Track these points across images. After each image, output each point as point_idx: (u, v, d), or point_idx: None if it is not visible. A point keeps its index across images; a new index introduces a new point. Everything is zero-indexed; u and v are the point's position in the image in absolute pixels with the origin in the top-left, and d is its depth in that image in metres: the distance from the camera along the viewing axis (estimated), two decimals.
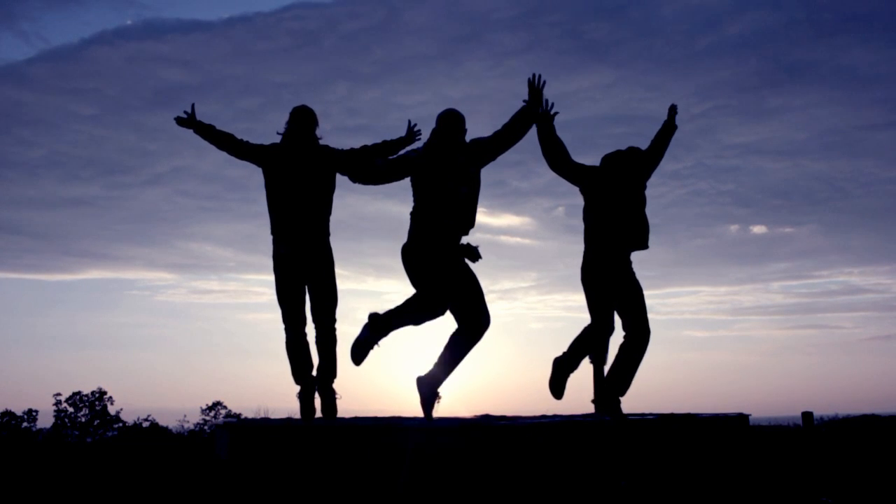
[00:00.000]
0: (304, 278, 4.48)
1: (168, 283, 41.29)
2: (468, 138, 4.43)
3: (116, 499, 4.35)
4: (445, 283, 4.32)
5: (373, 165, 4.74)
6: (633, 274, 4.72)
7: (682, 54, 33.51)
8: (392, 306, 4.31)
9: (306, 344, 4.59)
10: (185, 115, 4.53)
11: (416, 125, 4.80)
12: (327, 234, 4.59)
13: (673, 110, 4.92)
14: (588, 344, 4.70)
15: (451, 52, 35.95)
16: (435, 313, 4.37)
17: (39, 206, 33.97)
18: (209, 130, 4.59)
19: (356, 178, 4.70)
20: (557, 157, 4.85)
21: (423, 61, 36.02)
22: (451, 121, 4.38)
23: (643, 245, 4.79)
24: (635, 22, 34.39)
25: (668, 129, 4.92)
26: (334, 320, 4.55)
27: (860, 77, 33.03)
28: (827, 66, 32.20)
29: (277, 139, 4.55)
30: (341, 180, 4.53)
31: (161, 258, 38.89)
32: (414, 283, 4.41)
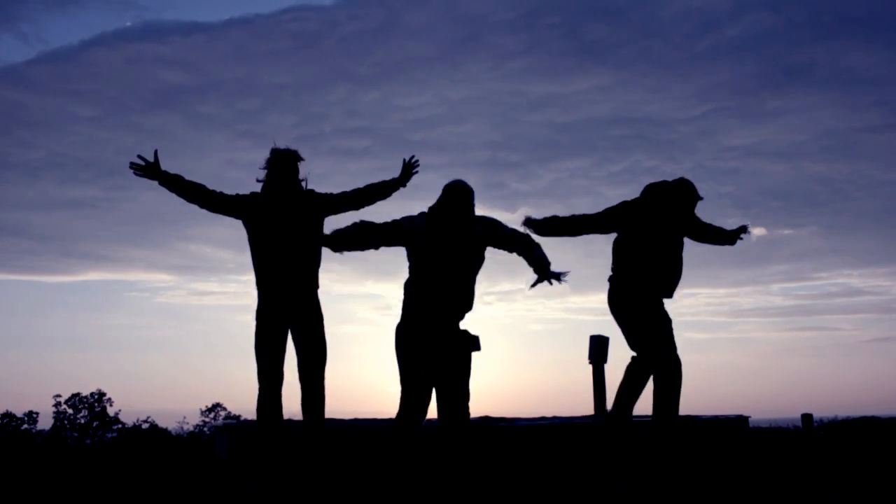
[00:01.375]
0: (289, 333, 4.00)
1: (168, 284, 41.38)
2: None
3: (116, 501, 4.34)
4: (427, 373, 3.84)
5: (356, 233, 4.14)
6: (662, 305, 4.35)
7: (681, 56, 33.54)
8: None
9: (280, 405, 4.06)
10: (142, 163, 3.86)
11: (414, 158, 4.31)
12: (316, 286, 4.12)
13: (742, 230, 4.55)
14: (635, 382, 4.27)
15: (451, 53, 35.98)
16: (416, 409, 3.81)
17: (39, 207, 33.99)
18: (176, 182, 4.00)
19: (337, 247, 4.13)
20: (573, 225, 4.38)
21: (423, 63, 36.04)
22: (457, 196, 3.93)
23: (670, 294, 4.37)
24: (635, 24, 34.41)
25: (725, 239, 4.51)
26: (323, 380, 4.06)
27: (859, 79, 33.07)
28: (826, 69, 32.23)
29: (259, 186, 4.00)
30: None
31: (161, 260, 38.94)
32: (399, 367, 3.92)
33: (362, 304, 42.78)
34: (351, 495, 3.91)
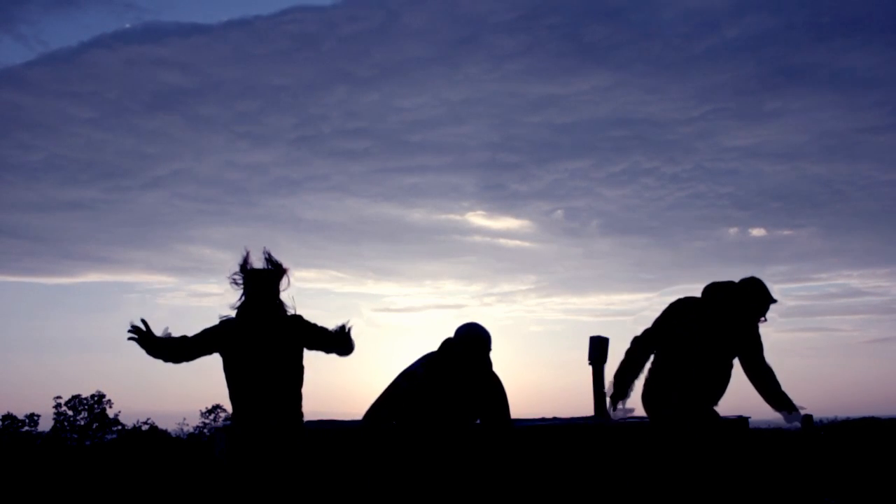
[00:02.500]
0: (270, 474, 3.60)
1: (167, 286, 41.36)
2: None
3: (118, 500, 4.34)
4: None
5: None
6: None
7: (680, 57, 33.47)
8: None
9: None
10: (134, 333, 3.52)
11: (349, 326, 3.74)
12: (300, 417, 3.69)
13: (797, 414, 3.87)
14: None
15: (450, 54, 35.91)
16: None
17: (38, 209, 33.92)
18: (161, 348, 3.64)
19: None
20: (641, 358, 3.90)
21: (422, 64, 35.95)
22: (472, 346, 3.57)
23: (715, 403, 3.97)
24: (634, 25, 34.33)
25: (782, 405, 3.83)
26: None
27: (859, 80, 33.03)
28: (826, 69, 32.18)
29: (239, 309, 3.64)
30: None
31: (160, 261, 38.89)
32: None
33: (362, 303, 42.62)
34: (350, 496, 3.92)
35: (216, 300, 38.76)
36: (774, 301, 3.91)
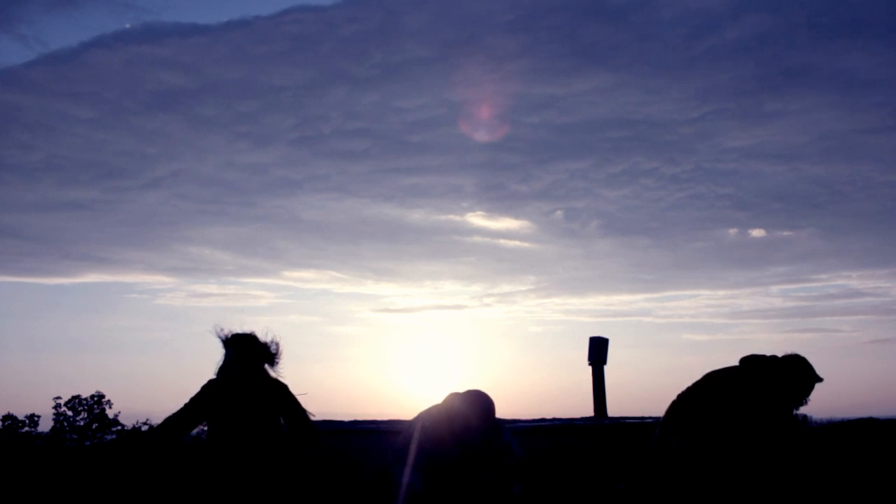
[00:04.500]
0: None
1: (167, 286, 41.23)
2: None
3: (118, 500, 4.36)
4: None
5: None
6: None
7: (680, 58, 33.47)
8: None
9: None
10: (122, 446, 3.22)
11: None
12: (276, 476, 3.59)
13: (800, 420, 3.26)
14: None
15: (450, 55, 35.84)
16: None
17: (38, 209, 33.91)
18: (156, 441, 3.65)
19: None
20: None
21: (422, 64, 35.90)
22: (482, 412, 3.46)
23: None
24: (634, 26, 34.31)
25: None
26: None
27: (859, 81, 33.01)
28: (825, 70, 32.18)
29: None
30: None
31: (160, 261, 38.81)
32: None
33: (360, 304, 42.60)
34: (355, 495, 3.93)
35: (215, 300, 38.76)
36: (820, 380, 3.65)
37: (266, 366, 3.86)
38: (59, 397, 15.19)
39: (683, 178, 36.59)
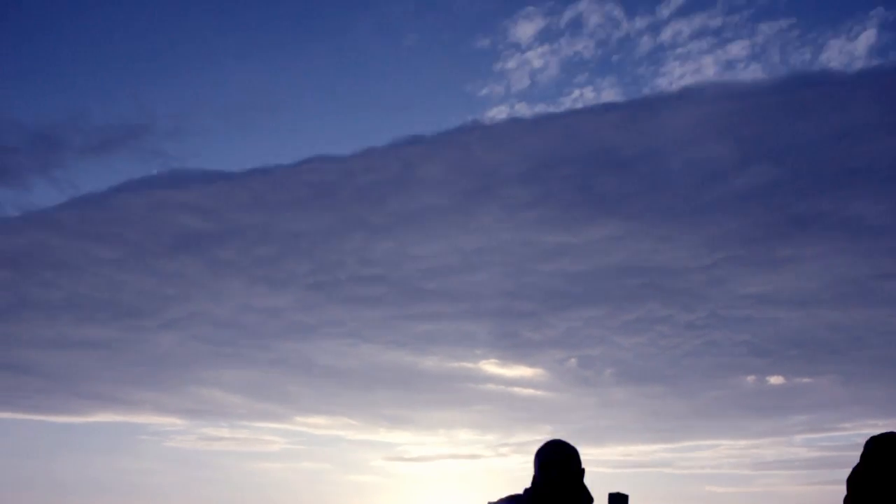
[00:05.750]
0: None
1: (178, 428, 40.69)
2: None
3: None
4: None
5: None
6: None
7: (689, 207, 34.21)
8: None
9: None
10: None
11: None
12: None
13: None
14: None
15: (465, 204, 36.82)
16: None
17: (55, 346, 34.16)
18: None
19: None
20: None
21: (437, 213, 36.83)
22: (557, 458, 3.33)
23: None
24: (643, 176, 35.33)
25: None
26: None
27: (868, 227, 33.44)
28: (834, 217, 32.70)
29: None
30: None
31: (172, 403, 38.54)
32: None
33: (373, 452, 41.77)
34: None
35: (226, 444, 38.16)
36: None
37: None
38: None
39: (699, 325, 36.56)
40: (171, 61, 40.60)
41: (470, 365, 39.72)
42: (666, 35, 37.06)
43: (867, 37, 34.23)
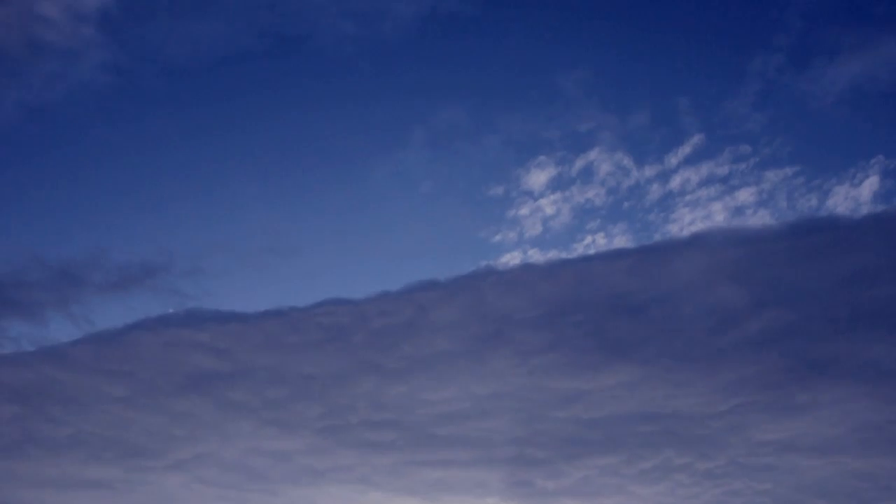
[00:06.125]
0: None
1: None
2: None
3: None
4: None
5: None
6: None
7: (704, 352, 34.14)
8: None
9: None
10: None
11: None
12: None
13: None
14: None
15: (478, 349, 36.82)
16: None
17: (56, 486, 33.18)
18: None
19: None
20: None
21: (450, 358, 36.79)
22: None
23: None
24: (657, 321, 35.49)
25: None
26: None
27: (886, 371, 33.19)
28: (850, 362, 32.54)
29: None
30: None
31: None
32: None
33: None
34: None
35: None
36: None
37: None
38: None
39: (718, 473, 35.47)
40: (191, 203, 41.86)
41: None
42: (675, 183, 38.32)
43: (871, 183, 35.35)
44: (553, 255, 39.96)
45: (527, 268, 38.58)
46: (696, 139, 37.14)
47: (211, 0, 37.19)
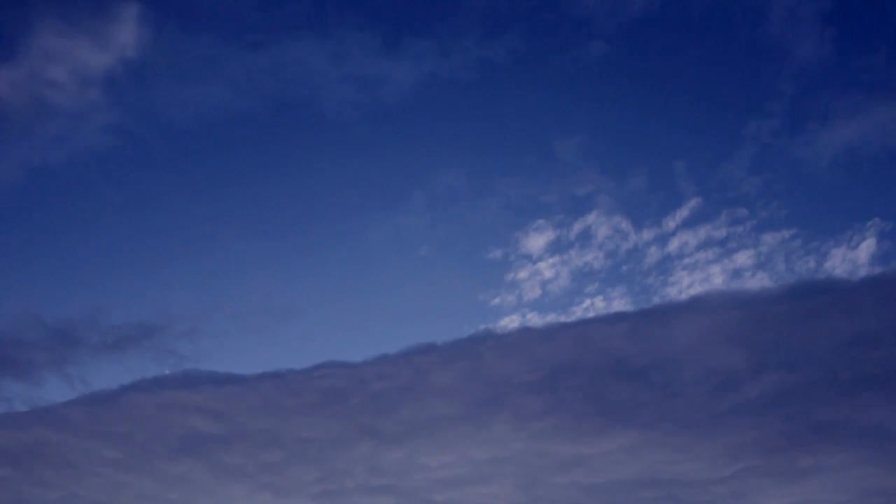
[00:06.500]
0: None
1: None
2: None
3: None
4: None
5: None
6: None
7: (705, 416, 33.85)
8: None
9: None
10: None
11: None
12: None
13: None
14: None
15: (476, 413, 36.49)
16: None
17: None
18: None
19: None
20: None
21: (449, 422, 36.43)
22: None
23: None
24: (657, 385, 35.29)
25: None
26: None
27: (890, 435, 32.85)
28: (853, 426, 32.24)
29: None
30: None
31: None
32: None
33: None
34: None
35: None
36: None
37: None
38: None
39: None
40: (190, 263, 41.92)
41: None
42: (673, 246, 38.51)
43: (868, 245, 35.56)
44: (552, 318, 39.92)
45: (526, 331, 38.47)
46: (694, 202, 37.48)
47: (214, 64, 37.90)
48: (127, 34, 35.90)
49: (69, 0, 35.14)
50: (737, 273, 37.66)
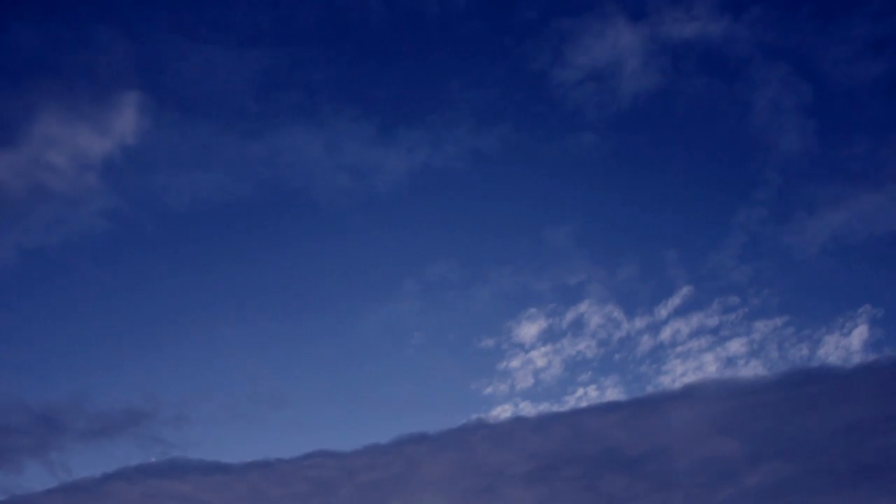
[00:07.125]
0: None
1: None
2: None
3: None
4: None
5: None
6: None
7: None
8: None
9: None
10: None
11: None
12: None
13: None
14: None
15: None
16: None
17: None
18: None
19: None
20: None
21: None
22: None
23: None
24: (650, 475, 34.76)
25: None
26: None
27: None
28: None
29: None
30: None
31: None
32: None
33: None
34: None
35: None
36: None
37: None
38: None
39: None
40: (179, 349, 41.53)
41: None
42: (666, 334, 38.53)
43: (860, 332, 35.67)
44: (545, 407, 39.56)
45: (518, 421, 38.09)
46: (685, 290, 37.72)
47: (211, 152, 38.48)
48: (126, 121, 36.55)
49: (70, 87, 35.86)
50: (730, 361, 37.62)
